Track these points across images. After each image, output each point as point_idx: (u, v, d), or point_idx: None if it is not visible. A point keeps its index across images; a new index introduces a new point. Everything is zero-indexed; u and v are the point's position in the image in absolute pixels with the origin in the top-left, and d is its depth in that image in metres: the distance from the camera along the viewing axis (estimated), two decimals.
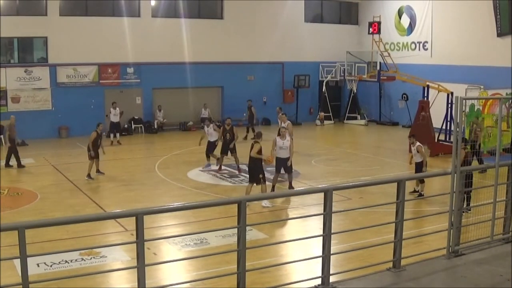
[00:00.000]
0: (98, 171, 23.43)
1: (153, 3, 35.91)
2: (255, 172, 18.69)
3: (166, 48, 35.50)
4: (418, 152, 19.58)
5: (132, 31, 34.44)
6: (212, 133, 24.33)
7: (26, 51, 33.93)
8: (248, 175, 19.55)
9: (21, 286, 6.57)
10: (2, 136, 30.93)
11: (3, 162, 25.52)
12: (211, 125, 24.76)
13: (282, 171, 20.38)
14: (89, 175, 22.76)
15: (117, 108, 30.88)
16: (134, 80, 35.46)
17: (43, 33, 32.95)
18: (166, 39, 35.51)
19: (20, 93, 32.45)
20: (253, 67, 38.41)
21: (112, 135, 30.75)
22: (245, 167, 20.99)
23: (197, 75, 36.27)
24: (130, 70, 35.21)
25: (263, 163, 18.81)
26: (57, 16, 32.96)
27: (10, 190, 21.02)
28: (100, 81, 34.57)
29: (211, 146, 24.54)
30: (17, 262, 7.40)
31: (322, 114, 39.33)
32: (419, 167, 19.55)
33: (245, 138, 31.50)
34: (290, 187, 20.44)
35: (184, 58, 35.77)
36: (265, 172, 19.05)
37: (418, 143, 19.75)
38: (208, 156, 24.34)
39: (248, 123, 33.36)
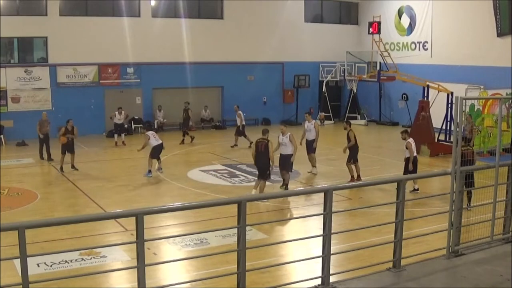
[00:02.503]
0: (73, 166, 24.15)
1: (153, 3, 35.93)
2: (266, 168, 19.11)
3: (166, 48, 35.52)
4: (406, 148, 19.72)
5: (132, 31, 34.46)
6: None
7: (26, 51, 33.94)
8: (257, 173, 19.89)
9: (21, 286, 6.56)
10: (2, 136, 31.04)
11: (4, 162, 25.54)
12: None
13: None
14: (61, 168, 23.81)
15: (123, 113, 30.84)
16: (134, 80, 35.48)
17: (43, 33, 32.98)
18: (166, 39, 35.53)
19: (20, 93, 32.48)
20: (253, 67, 38.43)
21: (116, 136, 30.70)
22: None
23: (197, 75, 36.30)
24: (130, 70, 35.23)
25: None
26: (57, 16, 32.98)
27: (10, 190, 21.01)
28: (100, 81, 34.59)
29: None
30: (17, 262, 7.38)
31: (323, 114, 39.34)
32: (407, 163, 19.65)
33: (182, 142, 31.23)
34: (286, 187, 20.18)
35: (184, 58, 35.80)
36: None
37: (409, 140, 19.90)
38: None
39: (183, 127, 32.31)
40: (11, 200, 19.72)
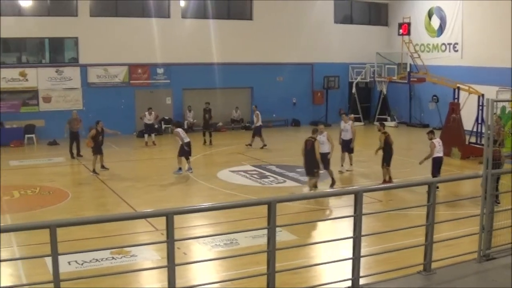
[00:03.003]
0: (102, 166, 24.17)
1: (182, 4, 36.09)
2: (313, 166, 19.82)
3: (196, 48, 35.65)
4: (430, 147, 20.06)
5: (162, 32, 34.67)
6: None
7: (57, 52, 34.31)
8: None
9: (52, 284, 6.63)
10: (33, 135, 31.36)
11: (35, 161, 25.81)
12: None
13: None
14: (94, 170, 23.61)
15: (153, 113, 31.00)
16: (164, 80, 35.68)
17: (74, 33, 33.32)
18: (196, 40, 35.67)
19: (51, 93, 32.83)
20: (282, 68, 38.42)
21: (146, 136, 30.86)
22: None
23: (226, 76, 36.41)
24: (160, 70, 35.43)
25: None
26: (88, 16, 33.29)
27: (41, 189, 21.23)
28: (131, 82, 34.85)
29: None
30: (48, 260, 7.46)
31: (352, 115, 39.15)
32: (433, 163, 19.97)
33: (205, 143, 31.38)
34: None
35: (214, 59, 35.93)
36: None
37: (433, 140, 20.19)
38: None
39: (204, 128, 32.15)
40: (42, 199, 19.93)
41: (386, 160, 21.63)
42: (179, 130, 24.09)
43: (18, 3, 31.87)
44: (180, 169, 23.39)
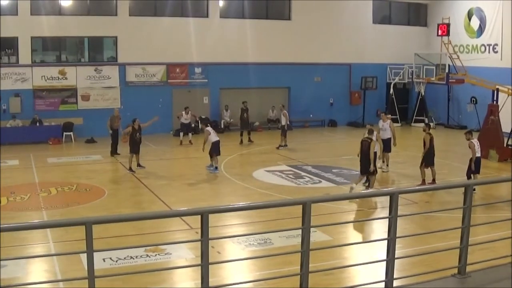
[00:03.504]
0: (139, 165, 24.27)
1: (221, 3, 36.19)
2: (368, 166, 20.16)
3: (234, 48, 35.74)
4: (469, 148, 20.07)
5: (200, 32, 34.80)
6: None
7: (96, 50, 34.66)
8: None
9: (87, 280, 6.69)
10: (72, 132, 31.70)
11: (73, 159, 26.09)
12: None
13: None
14: (130, 168, 23.75)
15: (189, 113, 31.14)
16: (202, 80, 35.80)
17: (113, 32, 33.61)
18: (234, 40, 35.75)
19: (90, 91, 33.15)
20: (319, 68, 38.31)
21: (181, 135, 30.96)
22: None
23: (263, 76, 36.43)
24: (197, 70, 35.57)
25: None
26: (127, 16, 33.54)
27: (78, 186, 21.46)
28: (169, 81, 35.05)
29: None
30: (83, 257, 7.52)
31: (389, 115, 38.92)
32: (470, 163, 20.16)
33: (241, 142, 31.40)
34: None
35: (251, 59, 35.94)
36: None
37: (472, 140, 20.24)
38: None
39: (242, 127, 32.17)
40: (79, 196, 20.14)
41: (429, 161, 21.50)
42: (209, 128, 24.22)
43: (58, 3, 32.27)
44: (211, 165, 23.75)
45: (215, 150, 23.83)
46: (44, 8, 31.66)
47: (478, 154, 19.96)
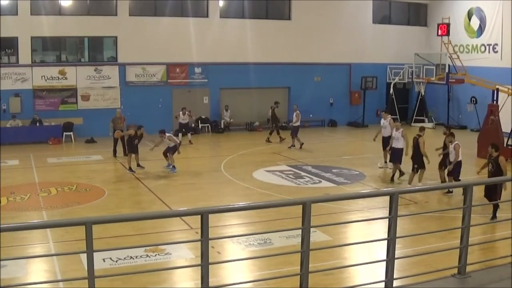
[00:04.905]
0: (138, 165, 24.34)
1: (221, 3, 36.20)
2: (420, 161, 20.62)
3: (234, 48, 35.75)
4: (454, 149, 19.50)
5: (200, 31, 34.81)
6: None
7: (96, 50, 34.67)
8: None
9: (87, 280, 6.69)
10: (71, 132, 31.70)
11: (73, 159, 26.08)
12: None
13: None
14: (130, 168, 23.83)
15: (187, 113, 31.13)
16: (202, 80, 35.80)
17: (113, 32, 33.61)
18: (234, 40, 35.75)
19: (90, 91, 33.15)
20: (320, 68, 38.31)
21: (180, 135, 30.94)
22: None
23: (264, 76, 36.45)
24: (198, 70, 35.57)
25: None
26: (127, 16, 33.55)
27: (78, 186, 21.46)
28: (169, 81, 35.05)
29: None
30: (83, 257, 7.52)
31: (389, 115, 38.93)
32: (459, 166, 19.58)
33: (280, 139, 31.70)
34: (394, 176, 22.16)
35: (251, 59, 35.94)
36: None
37: (456, 142, 19.65)
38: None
39: (273, 126, 32.59)
40: (79, 196, 20.15)
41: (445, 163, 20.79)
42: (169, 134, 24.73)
43: (58, 3, 32.28)
44: (169, 165, 24.10)
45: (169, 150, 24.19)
46: (44, 8, 31.66)
47: (460, 158, 19.71)
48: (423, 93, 39.09)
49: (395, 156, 22.49)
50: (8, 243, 11.92)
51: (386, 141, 24.12)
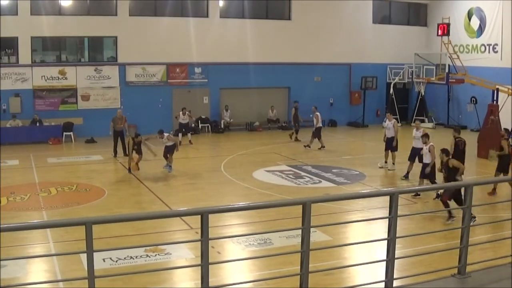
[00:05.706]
0: (136, 164, 24.25)
1: (221, 3, 36.20)
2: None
3: (234, 48, 35.74)
4: (429, 151, 19.37)
5: (200, 32, 34.80)
6: None
7: (96, 50, 34.66)
8: None
9: (87, 280, 6.69)
10: (72, 132, 31.69)
11: (73, 159, 26.08)
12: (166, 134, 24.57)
13: None
14: (129, 169, 23.79)
15: (187, 113, 31.11)
16: (202, 80, 35.79)
17: (113, 32, 33.60)
18: (234, 40, 35.74)
19: (90, 91, 33.14)
20: (320, 68, 38.31)
21: (180, 135, 30.89)
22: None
23: (264, 76, 36.44)
24: (198, 70, 35.56)
25: None
26: (127, 16, 33.54)
27: (78, 186, 21.46)
28: (169, 81, 35.04)
29: None
30: (83, 257, 7.52)
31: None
32: (425, 167, 19.42)
33: (292, 137, 32.30)
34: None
35: (252, 59, 35.93)
36: None
37: (430, 143, 19.53)
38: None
39: (295, 125, 33.12)
40: (79, 196, 20.15)
41: (503, 168, 20.30)
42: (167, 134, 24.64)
43: (58, 3, 32.27)
44: (167, 164, 24.02)
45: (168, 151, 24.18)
46: (44, 8, 31.64)
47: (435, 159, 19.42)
48: (423, 93, 39.08)
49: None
50: (8, 243, 11.91)
51: (389, 142, 24.21)
